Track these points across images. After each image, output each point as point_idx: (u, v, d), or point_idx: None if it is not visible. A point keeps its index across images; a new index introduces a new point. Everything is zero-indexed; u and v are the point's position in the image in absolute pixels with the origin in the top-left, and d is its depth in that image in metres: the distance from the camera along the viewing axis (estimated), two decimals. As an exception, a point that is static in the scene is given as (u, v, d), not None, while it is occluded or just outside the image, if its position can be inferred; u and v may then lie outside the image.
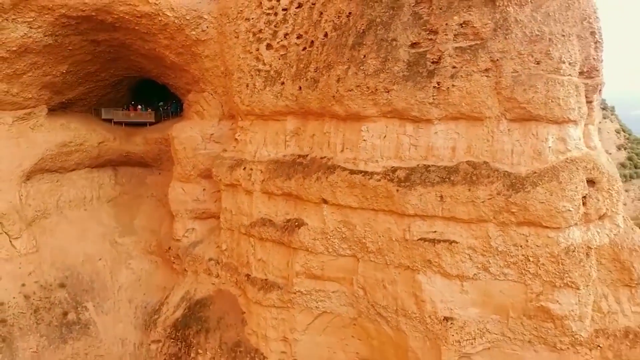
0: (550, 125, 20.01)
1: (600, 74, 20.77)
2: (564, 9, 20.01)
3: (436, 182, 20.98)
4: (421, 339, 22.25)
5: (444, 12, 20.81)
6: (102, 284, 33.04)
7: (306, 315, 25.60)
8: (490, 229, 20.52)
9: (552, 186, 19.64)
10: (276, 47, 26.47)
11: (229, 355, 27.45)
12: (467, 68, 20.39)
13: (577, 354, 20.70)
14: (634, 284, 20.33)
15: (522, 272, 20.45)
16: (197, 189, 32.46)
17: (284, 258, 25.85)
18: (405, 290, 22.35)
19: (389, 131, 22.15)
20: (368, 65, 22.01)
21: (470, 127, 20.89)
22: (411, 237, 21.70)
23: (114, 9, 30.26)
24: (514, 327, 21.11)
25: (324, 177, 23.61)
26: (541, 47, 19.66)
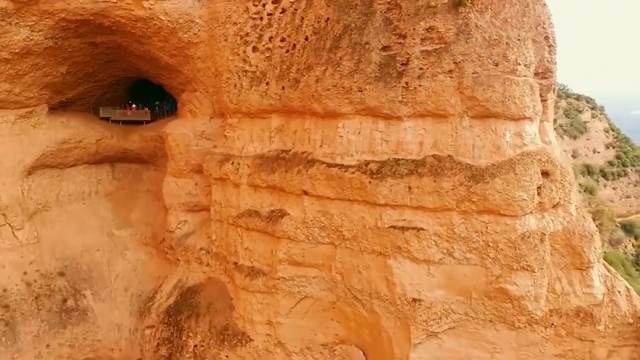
0: (508, 122, 21.87)
1: (554, 75, 22.62)
2: (520, 16, 21.86)
3: (405, 174, 22.82)
4: (392, 319, 24.07)
5: (411, 17, 22.67)
6: (100, 273, 34.88)
7: (289, 300, 27.39)
8: (453, 217, 22.36)
9: (509, 177, 21.50)
10: (262, 50, 28.31)
11: (217, 338, 29.27)
12: (432, 69, 22.25)
13: (534, 331, 22.56)
14: (584, 267, 22.13)
15: (483, 256, 22.29)
16: (189, 183, 34.30)
17: (269, 246, 27.66)
18: (378, 275, 24.17)
19: (363, 128, 23.99)
20: (343, 67, 23.87)
21: (436, 123, 22.74)
22: (382, 225, 23.53)
23: (111, 13, 32.08)
24: (476, 308, 22.94)
25: (304, 171, 25.46)
26: (499, 50, 21.52)
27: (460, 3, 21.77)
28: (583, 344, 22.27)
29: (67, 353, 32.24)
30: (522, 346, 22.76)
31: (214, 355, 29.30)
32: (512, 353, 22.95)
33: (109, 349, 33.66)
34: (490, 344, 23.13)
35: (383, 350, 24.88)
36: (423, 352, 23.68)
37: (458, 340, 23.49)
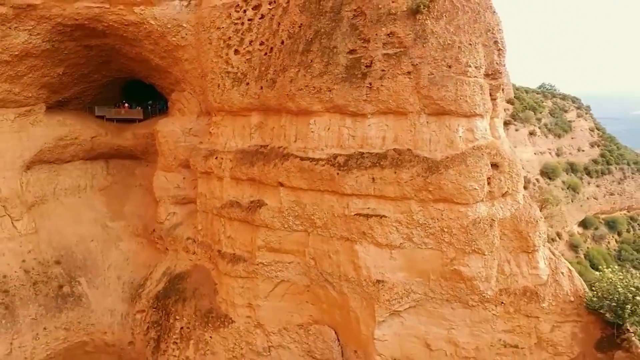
0: (461, 119, 24.10)
1: (503, 76, 24.84)
2: (471, 22, 24.10)
3: (369, 166, 25.04)
4: (359, 299, 26.28)
5: (374, 24, 24.91)
6: (94, 262, 37.13)
7: (267, 284, 29.61)
8: (412, 205, 24.57)
9: (461, 169, 23.72)
10: (242, 53, 30.58)
11: (202, 321, 31.51)
12: (393, 71, 24.47)
13: (485, 309, 24.77)
14: (530, 251, 24.34)
15: (439, 241, 24.50)
16: (178, 178, 36.56)
17: (249, 234, 29.88)
18: (346, 259, 26.37)
19: (332, 124, 26.22)
20: (314, 69, 26.13)
21: (397, 120, 24.96)
22: (349, 213, 25.75)
23: (105, 18, 34.45)
24: (434, 288, 25.15)
25: (280, 164, 27.71)
26: (452, 54, 23.74)
27: (418, 11, 23.98)
28: (529, 320, 24.46)
29: (62, 335, 34.49)
30: (476, 323, 24.96)
31: (199, 336, 31.53)
32: (466, 329, 25.14)
33: (102, 333, 35.91)
34: (447, 322, 25.32)
35: (351, 329, 27.10)
36: (386, 329, 25.88)
37: (418, 318, 25.67)
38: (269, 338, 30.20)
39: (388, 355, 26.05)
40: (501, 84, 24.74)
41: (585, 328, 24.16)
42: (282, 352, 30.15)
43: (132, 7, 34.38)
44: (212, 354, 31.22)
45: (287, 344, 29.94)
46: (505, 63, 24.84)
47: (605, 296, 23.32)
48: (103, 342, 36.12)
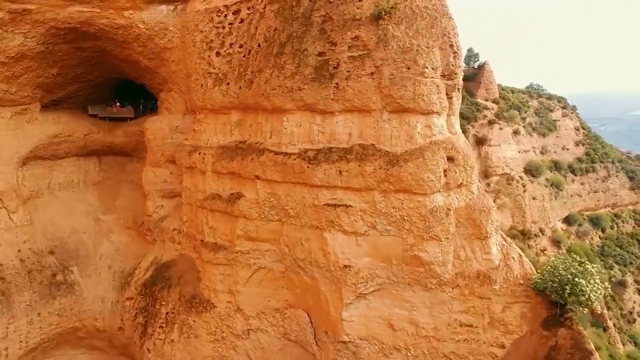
0: (419, 116, 26.21)
1: (458, 77, 26.91)
2: (429, 27, 26.19)
3: (336, 160, 27.13)
4: (328, 283, 28.37)
5: (341, 28, 27.01)
6: (86, 253, 39.22)
7: (246, 271, 31.71)
8: (375, 195, 26.67)
9: (419, 162, 25.83)
10: (223, 54, 32.69)
11: (186, 306, 33.61)
12: (357, 72, 26.57)
13: (443, 291, 26.88)
14: (483, 237, 26.42)
15: (399, 228, 26.60)
16: (165, 173, 38.66)
17: (229, 224, 31.97)
18: (316, 246, 28.45)
19: (303, 121, 28.32)
20: (286, 70, 28.24)
21: (361, 117, 27.06)
22: (319, 203, 27.83)
23: (96, 21, 36.55)
24: (396, 272, 27.26)
25: (256, 158, 29.83)
26: (411, 56, 25.84)
27: (380, 16, 26.08)
28: (482, 301, 26.55)
29: (56, 321, 36.59)
30: (434, 304, 27.08)
31: (183, 321, 33.64)
32: (426, 310, 27.26)
33: (94, 319, 38.00)
34: (408, 303, 27.44)
35: (322, 311, 29.20)
36: (353, 310, 28.01)
37: (382, 300, 27.79)
38: (248, 322, 32.27)
39: (355, 335, 28.17)
40: (457, 84, 26.81)
41: (533, 308, 26.24)
42: (260, 335, 32.23)
43: (122, 12, 36.50)
44: (195, 337, 33.31)
45: (265, 327, 32.03)
46: (461, 65, 26.89)
47: (549, 278, 25.37)
48: (94, 328, 38.20)
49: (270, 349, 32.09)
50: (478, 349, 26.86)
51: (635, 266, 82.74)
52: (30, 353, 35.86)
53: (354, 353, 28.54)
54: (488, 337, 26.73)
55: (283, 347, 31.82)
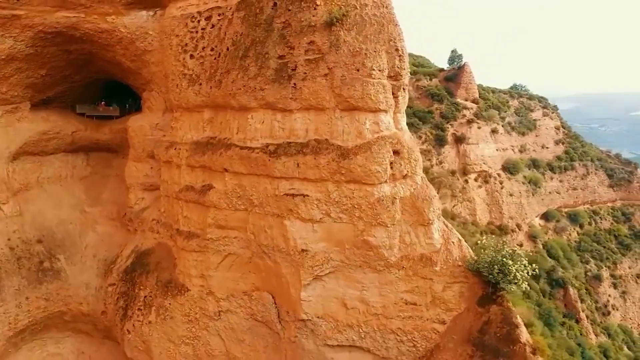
0: (368, 113, 28.91)
1: (403, 78, 29.58)
2: (377, 33, 28.90)
3: (294, 153, 29.81)
4: (289, 266, 31.05)
5: (298, 34, 29.71)
6: (72, 242, 41.95)
7: (217, 257, 34.38)
8: (329, 186, 29.34)
9: (367, 155, 28.52)
10: (197, 57, 35.40)
11: (162, 290, 36.33)
12: (312, 73, 29.27)
13: (390, 273, 29.55)
14: (426, 224, 29.11)
15: (351, 216, 29.28)
16: (146, 167, 41.38)
17: (201, 214, 34.64)
18: (278, 233, 31.13)
19: (266, 118, 31.02)
20: (250, 71, 30.96)
21: (317, 115, 29.75)
22: (279, 193, 30.50)
23: (81, 26, 39.35)
24: (349, 256, 29.93)
25: (225, 152, 32.53)
26: (359, 59, 28.54)
27: (333, 23, 28.77)
28: (425, 281, 29.24)
29: (43, 305, 39.33)
30: (383, 285, 29.76)
31: (160, 303, 36.36)
32: (375, 290, 29.94)
33: (79, 303, 40.72)
34: (360, 284, 30.11)
35: (284, 292, 31.90)
36: (311, 291, 30.70)
37: (337, 281, 30.46)
38: (219, 304, 34.94)
39: (312, 313, 30.89)
40: (402, 84, 29.50)
41: (471, 287, 28.95)
42: (230, 316, 34.92)
43: (105, 17, 39.33)
44: (171, 318, 36.04)
45: (234, 309, 34.71)
46: (406, 67, 29.60)
47: (482, 260, 28.08)
48: (79, 312, 40.92)
49: (239, 328, 34.78)
50: (422, 325, 29.56)
51: (612, 261, 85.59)
52: (19, 334, 38.57)
53: (312, 330, 31.25)
54: (430, 314, 29.42)
55: (251, 327, 34.51)
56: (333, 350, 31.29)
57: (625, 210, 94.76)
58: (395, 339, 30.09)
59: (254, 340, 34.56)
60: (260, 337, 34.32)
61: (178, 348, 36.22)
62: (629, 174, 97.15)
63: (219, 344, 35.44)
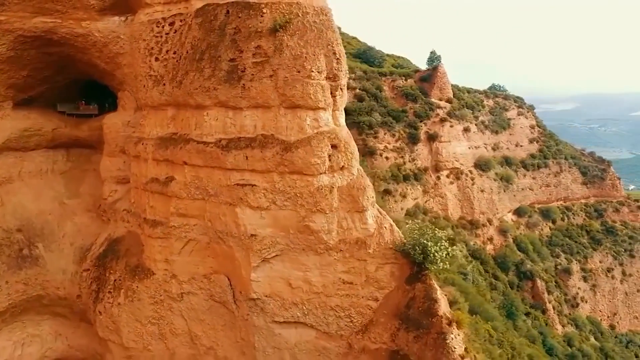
0: (308, 111, 32.07)
1: (341, 79, 32.73)
2: (316, 38, 32.07)
3: (243, 147, 32.97)
4: (240, 250, 34.21)
5: (247, 38, 32.86)
6: (50, 231, 45.06)
7: (179, 243, 37.49)
8: (274, 176, 32.50)
9: (308, 149, 31.68)
10: (161, 59, 38.52)
11: (130, 274, 39.45)
12: (259, 75, 32.42)
13: (329, 255, 32.71)
14: (361, 210, 32.26)
15: (294, 203, 32.44)
16: (119, 161, 44.50)
17: (164, 204, 37.73)
18: (230, 220, 34.27)
19: (219, 116, 34.16)
20: (205, 73, 34.10)
21: (264, 112, 32.90)
22: (231, 184, 33.65)
23: (58, 30, 42.44)
24: (293, 240, 33.08)
25: (184, 147, 35.67)
26: (300, 62, 31.70)
27: (277, 29, 31.93)
28: (360, 262, 32.40)
29: (22, 289, 42.45)
30: (323, 266, 32.92)
31: (128, 286, 39.49)
32: (317, 271, 33.10)
33: (56, 288, 43.84)
34: (303, 266, 33.28)
35: (237, 274, 35.08)
36: (260, 272, 33.86)
37: (283, 263, 33.62)
38: (181, 286, 38.06)
39: (261, 292, 34.07)
40: (339, 85, 32.66)
41: (400, 268, 32.12)
42: (192, 297, 38.07)
43: (80, 22, 42.44)
44: (138, 300, 39.17)
45: (195, 291, 37.85)
46: (343, 69, 32.74)
47: (409, 242, 31.25)
48: (57, 296, 44.03)
49: (200, 309, 37.94)
50: (357, 302, 32.75)
51: (583, 255, 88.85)
52: (0, 316, 41.70)
53: (262, 308, 34.45)
54: (365, 292, 32.60)
55: (210, 307, 37.68)
56: (280, 326, 34.47)
57: (598, 207, 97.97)
58: (335, 315, 33.27)
59: (213, 320, 37.70)
60: (219, 317, 37.48)
61: (145, 327, 39.38)
62: (602, 171, 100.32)
63: (181, 323, 38.59)
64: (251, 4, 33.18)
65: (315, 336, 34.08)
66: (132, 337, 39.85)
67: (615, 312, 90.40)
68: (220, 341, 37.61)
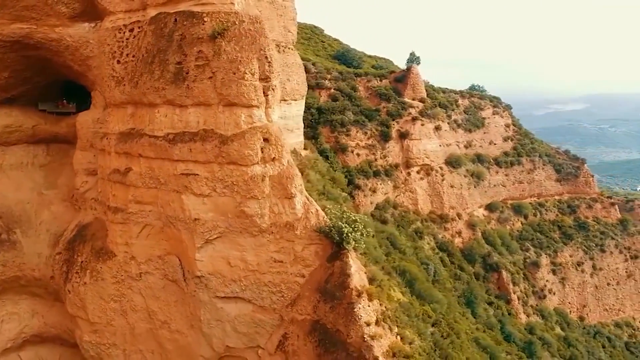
0: (243, 108, 36.12)
1: (272, 80, 36.74)
2: (250, 44, 36.12)
3: (187, 140, 37.06)
4: (187, 233, 38.32)
5: (190, 44, 36.91)
6: (28, 219, 49.44)
7: (137, 227, 41.70)
8: (214, 167, 36.57)
9: (242, 142, 35.72)
10: (122, 62, 42.72)
11: (95, 256, 43.70)
12: (200, 76, 36.53)
13: (263, 237, 36.74)
14: (290, 197, 36.21)
15: (231, 190, 36.49)
16: (89, 155, 48.76)
17: (125, 192, 41.91)
18: (178, 206, 38.39)
19: (168, 113, 38.29)
20: (155, 74, 38.27)
21: (205, 109, 36.96)
22: (177, 173, 37.75)
23: (34, 36, 46.80)
24: (232, 223, 37.15)
25: (139, 141, 39.86)
26: (236, 65, 35.76)
27: (215, 36, 36.01)
28: (289, 243, 36.39)
29: (0, 270, 46.90)
30: (257, 247, 36.95)
31: (93, 267, 43.77)
32: (252, 251, 37.14)
33: (32, 270, 48.23)
34: (241, 246, 37.33)
35: (185, 255, 39.21)
36: (203, 252, 37.94)
37: (223, 244, 37.69)
38: (139, 266, 42.25)
39: (205, 270, 38.16)
40: (271, 85, 36.66)
41: (324, 248, 36.09)
42: (149, 277, 42.23)
43: (53, 28, 46.77)
44: (102, 279, 43.43)
45: (152, 271, 42.02)
46: (275, 71, 36.77)
47: (329, 225, 35.21)
48: (33, 277, 48.41)
49: (155, 287, 42.11)
50: (287, 278, 36.77)
51: (553, 249, 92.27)
52: (-20, 295, 46.20)
53: (206, 285, 38.54)
54: (293, 269, 36.61)
55: (164, 286, 41.84)
56: (222, 301, 38.57)
57: (571, 203, 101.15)
58: (268, 290, 37.33)
59: (167, 296, 41.87)
60: (172, 294, 41.63)
61: (108, 304, 43.65)
62: (576, 169, 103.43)
63: (140, 300, 42.79)
64: (195, 13, 37.27)
65: (252, 309, 38.12)
66: (96, 313, 44.11)
67: (584, 305, 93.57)
68: (173, 316, 41.73)
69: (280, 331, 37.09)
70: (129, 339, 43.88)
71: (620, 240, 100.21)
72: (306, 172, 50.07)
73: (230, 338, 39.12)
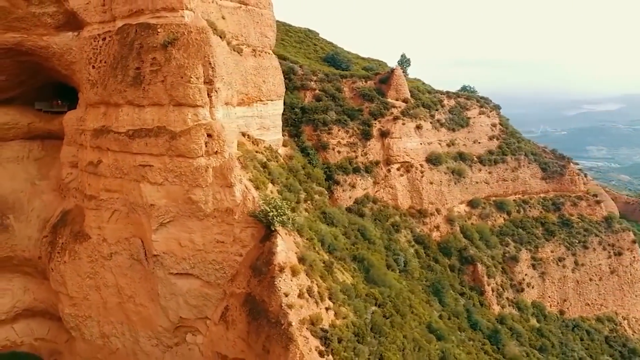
0: (189, 108, 41.38)
1: (215, 83, 41.85)
2: (196, 51, 41.34)
3: (144, 136, 42.51)
4: (145, 217, 43.83)
5: (147, 51, 42.32)
6: (21, 206, 55.80)
7: (107, 213, 47.42)
8: (165, 159, 41.94)
9: (188, 137, 41.00)
10: (96, 67, 48.51)
11: (74, 238, 49.63)
12: (154, 80, 41.93)
13: (208, 221, 41.96)
14: (230, 186, 41.29)
15: (180, 180, 41.80)
16: (73, 149, 54.72)
17: (97, 182, 47.67)
18: (137, 193, 43.88)
19: (129, 112, 43.81)
20: (118, 78, 43.86)
21: (159, 109, 42.35)
22: (136, 164, 43.23)
23: (24, 44, 52.98)
24: (182, 208, 42.47)
25: (107, 136, 45.53)
26: (183, 70, 41.02)
27: (166, 45, 41.39)
28: (229, 226, 41.54)
29: (-6, 251, 53.43)
30: (203, 229, 42.22)
31: (71, 248, 49.70)
32: (199, 233, 42.40)
33: (22, 251, 54.58)
34: (190, 229, 42.64)
35: (145, 236, 44.72)
36: (159, 234, 43.37)
37: (175, 227, 43.05)
38: (110, 247, 47.96)
39: (160, 250, 43.59)
40: (214, 88, 41.80)
41: (259, 230, 41.10)
42: (118, 257, 47.90)
43: (42, 37, 52.85)
44: (79, 259, 49.32)
45: (120, 251, 47.69)
46: (217, 75, 41.92)
47: (262, 210, 40.22)
48: (23, 257, 54.76)
49: (124, 265, 47.74)
50: (228, 257, 41.93)
51: (534, 245, 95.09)
52: (-24, 272, 52.64)
53: (161, 263, 43.97)
54: (233, 249, 41.73)
55: (131, 265, 47.43)
56: (175, 277, 43.92)
57: (556, 201, 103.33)
58: (213, 267, 42.54)
59: (133, 274, 47.44)
60: (137, 271, 47.18)
61: (84, 281, 49.51)
62: (562, 167, 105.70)
63: (111, 277, 48.49)
64: (151, 25, 42.74)
65: (200, 285, 43.39)
66: (75, 288, 50.05)
67: (565, 299, 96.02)
68: (137, 291, 47.30)
69: (223, 303, 42.19)
70: (102, 312, 49.65)
71: (605, 237, 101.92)
72: (269, 166, 54.76)
73: (183, 310, 44.46)
